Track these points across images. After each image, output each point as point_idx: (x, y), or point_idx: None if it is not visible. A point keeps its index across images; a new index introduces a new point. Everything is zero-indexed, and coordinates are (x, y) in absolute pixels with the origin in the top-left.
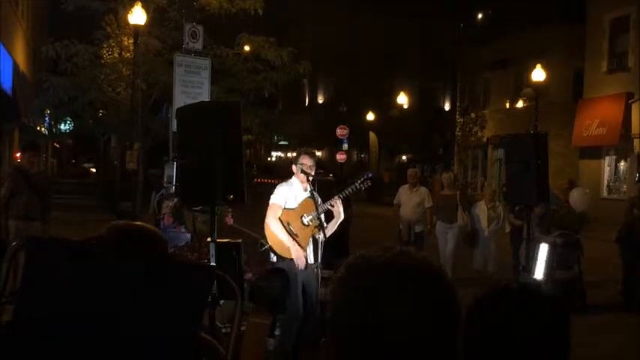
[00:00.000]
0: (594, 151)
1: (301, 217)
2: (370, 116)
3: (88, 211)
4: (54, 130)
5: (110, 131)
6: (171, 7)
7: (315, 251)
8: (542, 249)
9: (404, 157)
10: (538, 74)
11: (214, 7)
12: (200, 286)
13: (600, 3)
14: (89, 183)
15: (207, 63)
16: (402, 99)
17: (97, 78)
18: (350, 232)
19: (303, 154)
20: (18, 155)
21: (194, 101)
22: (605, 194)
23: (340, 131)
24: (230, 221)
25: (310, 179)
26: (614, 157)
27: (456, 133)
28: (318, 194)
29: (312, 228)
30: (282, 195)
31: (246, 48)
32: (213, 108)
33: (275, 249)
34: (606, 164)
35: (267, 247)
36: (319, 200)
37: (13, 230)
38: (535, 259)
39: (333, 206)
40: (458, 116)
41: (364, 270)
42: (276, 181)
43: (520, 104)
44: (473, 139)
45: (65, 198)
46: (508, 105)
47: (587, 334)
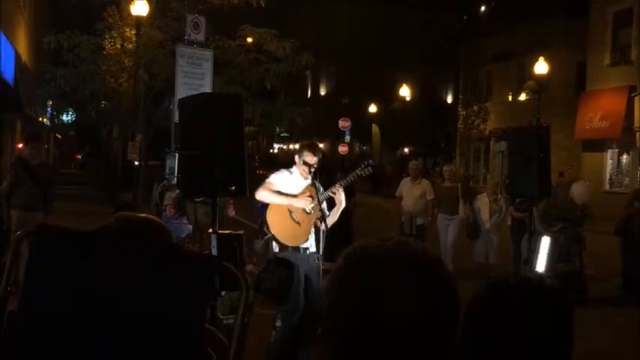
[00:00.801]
0: (597, 144)
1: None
2: (372, 108)
3: (88, 202)
4: (56, 121)
5: (112, 122)
6: None
7: (317, 241)
8: (544, 242)
9: (406, 150)
10: (541, 67)
11: None
12: (205, 276)
13: None
14: (78, 174)
15: (209, 54)
16: (405, 91)
17: (99, 69)
18: (353, 223)
19: (306, 149)
20: (20, 146)
21: (196, 92)
22: (608, 187)
23: (342, 123)
24: (232, 213)
25: (312, 171)
26: (616, 150)
27: (459, 125)
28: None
29: (314, 216)
30: (281, 178)
31: (249, 40)
32: (215, 99)
33: (277, 237)
34: (608, 157)
35: (269, 236)
36: (321, 188)
37: (15, 220)
38: (537, 251)
39: (334, 193)
40: (460, 109)
41: (362, 260)
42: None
43: (523, 97)
44: (475, 131)
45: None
46: (511, 98)
47: (587, 327)
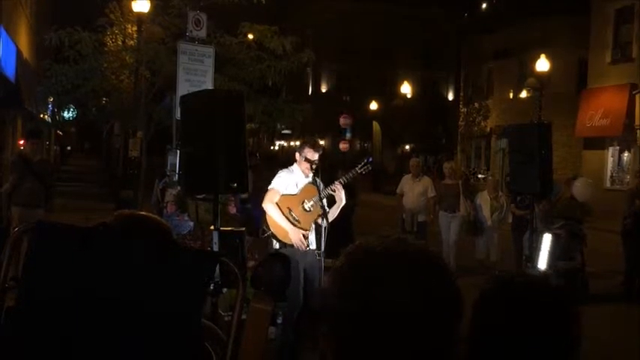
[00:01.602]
0: (598, 142)
1: (302, 203)
2: (373, 105)
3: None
4: (57, 118)
5: (113, 119)
6: None
7: (318, 238)
8: (546, 239)
9: (407, 147)
10: (542, 64)
11: None
12: (203, 271)
13: None
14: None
15: (211, 51)
16: (406, 88)
17: (101, 66)
18: (353, 221)
19: (307, 146)
20: (21, 143)
21: (198, 89)
22: (609, 185)
23: (343, 120)
24: (233, 210)
25: (314, 167)
26: (617, 147)
27: (460, 122)
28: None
29: (313, 214)
30: (283, 181)
31: (249, 36)
32: (217, 96)
33: (276, 235)
34: (610, 155)
35: (268, 233)
36: (321, 186)
37: (16, 217)
38: (538, 249)
39: (334, 191)
40: (461, 106)
41: (363, 258)
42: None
43: (524, 94)
44: (476, 129)
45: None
46: (512, 95)
47: (588, 324)
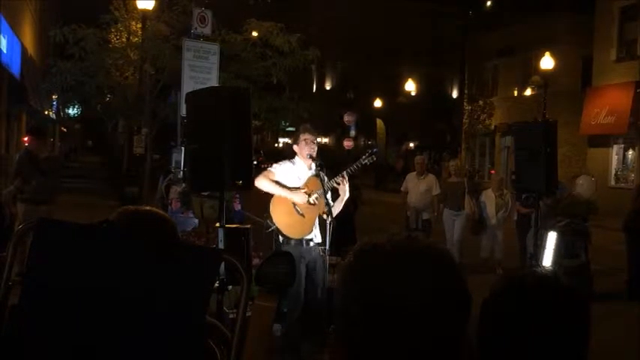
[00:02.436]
0: (602, 140)
1: (307, 196)
2: (377, 103)
3: (93, 195)
4: (61, 115)
5: (117, 116)
6: None
7: (323, 234)
8: (551, 237)
9: (411, 144)
10: (547, 62)
11: None
12: (207, 268)
13: None
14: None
15: (216, 48)
16: (410, 86)
17: (105, 62)
18: (356, 219)
19: (303, 131)
20: (26, 139)
21: (202, 86)
22: (613, 183)
23: (348, 118)
24: (237, 207)
25: (314, 153)
26: (622, 145)
27: (464, 120)
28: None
29: (319, 207)
30: (282, 169)
31: (254, 34)
32: (223, 93)
33: (281, 229)
34: (614, 153)
35: (273, 227)
36: (325, 179)
37: (21, 213)
38: (543, 247)
39: (339, 184)
40: (466, 104)
41: (373, 256)
42: None
43: (528, 92)
44: (480, 126)
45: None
46: (516, 93)
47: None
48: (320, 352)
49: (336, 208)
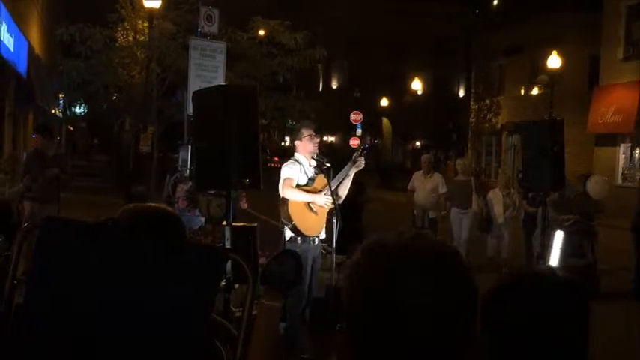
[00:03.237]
0: (609, 139)
1: (320, 194)
2: (384, 102)
3: (99, 194)
4: (68, 113)
5: (124, 114)
6: None
7: (329, 232)
8: (557, 236)
9: (417, 143)
10: (553, 61)
11: None
12: (212, 267)
13: None
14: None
15: (222, 47)
16: (416, 85)
17: (112, 61)
18: (363, 217)
19: (303, 126)
20: (34, 137)
21: (209, 85)
22: (620, 182)
23: (354, 117)
24: (244, 205)
25: (316, 147)
26: (629, 145)
27: (470, 119)
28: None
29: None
30: (294, 172)
31: (261, 32)
32: (230, 92)
33: (298, 227)
34: (621, 152)
35: (289, 226)
36: (330, 174)
37: (28, 212)
38: (550, 246)
39: (359, 165)
40: (472, 102)
41: (380, 253)
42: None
43: (535, 91)
44: (487, 125)
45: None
46: (523, 92)
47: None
48: (327, 351)
49: (345, 186)
